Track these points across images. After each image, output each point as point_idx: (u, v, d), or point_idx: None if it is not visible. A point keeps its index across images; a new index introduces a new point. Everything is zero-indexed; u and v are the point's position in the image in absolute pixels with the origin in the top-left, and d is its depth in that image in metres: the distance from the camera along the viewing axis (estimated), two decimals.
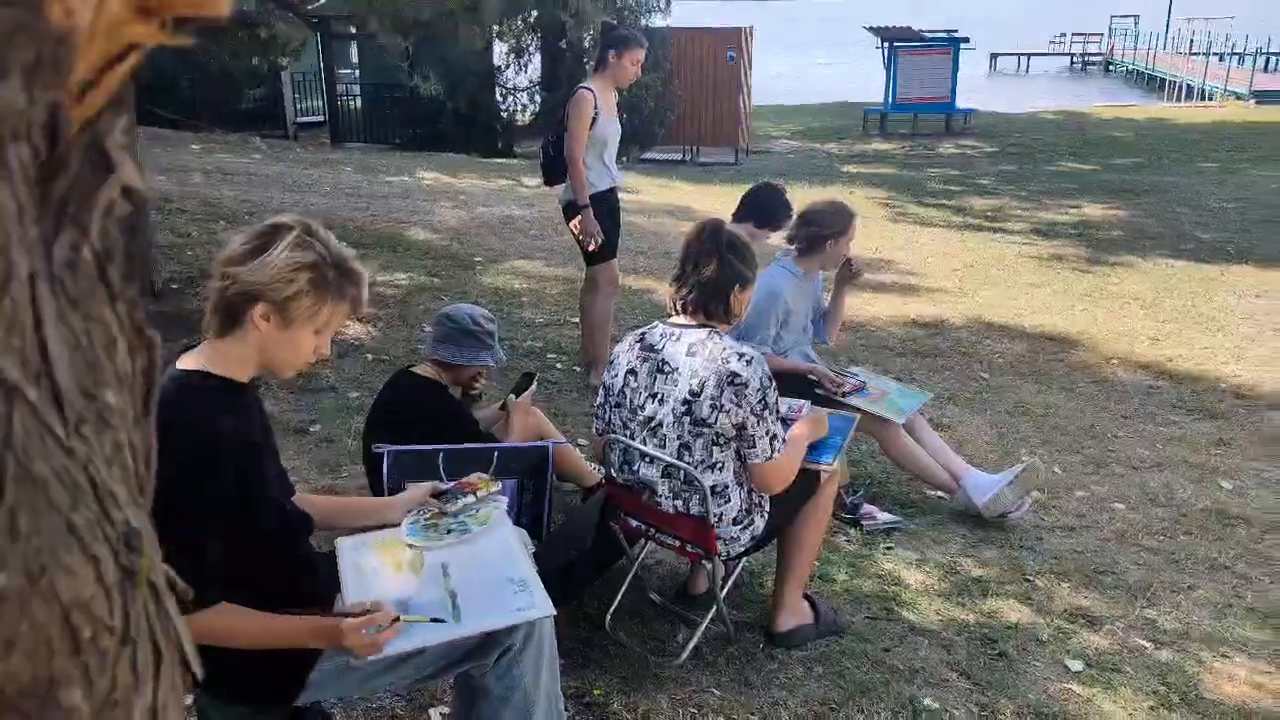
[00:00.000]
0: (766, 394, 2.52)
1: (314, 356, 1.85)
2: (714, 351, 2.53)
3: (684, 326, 2.63)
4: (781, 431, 2.62)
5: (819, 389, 3.66)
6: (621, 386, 2.69)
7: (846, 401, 3.65)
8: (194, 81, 15.23)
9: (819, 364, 3.88)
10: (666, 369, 2.60)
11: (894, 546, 3.55)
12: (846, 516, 3.69)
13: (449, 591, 1.93)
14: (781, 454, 2.60)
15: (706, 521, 2.59)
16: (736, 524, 2.65)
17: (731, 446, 2.58)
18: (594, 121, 4.48)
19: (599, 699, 2.59)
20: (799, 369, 3.73)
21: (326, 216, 7.64)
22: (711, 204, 10.04)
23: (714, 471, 2.58)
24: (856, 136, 19.59)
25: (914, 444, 3.82)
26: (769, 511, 2.73)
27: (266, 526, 1.83)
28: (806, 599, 2.97)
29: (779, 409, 2.62)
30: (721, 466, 2.59)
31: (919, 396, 4.01)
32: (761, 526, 2.72)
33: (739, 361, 2.50)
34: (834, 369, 3.91)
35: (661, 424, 2.60)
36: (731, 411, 2.50)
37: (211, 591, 1.70)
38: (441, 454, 2.75)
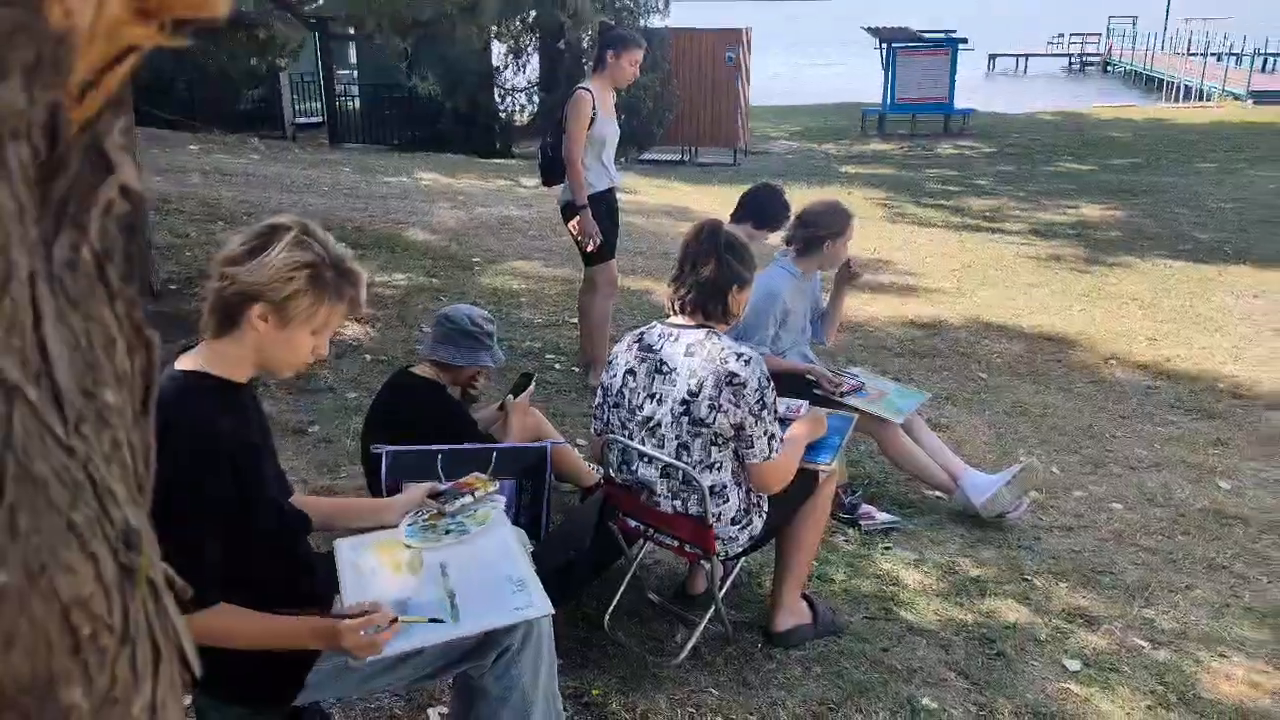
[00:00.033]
0: (765, 394, 2.53)
1: (312, 357, 1.85)
2: (712, 352, 2.54)
3: (682, 327, 2.63)
4: (780, 431, 2.62)
5: (817, 389, 3.66)
6: (620, 387, 2.70)
7: (845, 401, 3.66)
8: (192, 82, 15.23)
9: (817, 364, 3.88)
10: (665, 369, 2.60)
11: (892, 546, 3.55)
12: (845, 516, 3.69)
13: (447, 591, 1.93)
14: (780, 454, 2.60)
15: (705, 521, 2.59)
16: (735, 524, 2.66)
17: (730, 446, 2.58)
18: (592, 122, 4.48)
19: (597, 699, 2.59)
20: (797, 369, 3.73)
21: (325, 217, 7.64)
22: (710, 204, 10.05)
23: (712, 471, 2.59)
24: (855, 137, 19.59)
25: (912, 444, 3.82)
26: (767, 511, 2.73)
27: (264, 527, 1.84)
28: (805, 599, 2.97)
29: (777, 409, 2.63)
30: (720, 466, 2.59)
31: (917, 396, 4.01)
32: (760, 526, 2.72)
33: (737, 362, 2.51)
34: (832, 369, 3.91)
35: (660, 424, 2.60)
36: (730, 411, 2.51)
37: (210, 592, 1.70)
38: (440, 454, 2.75)
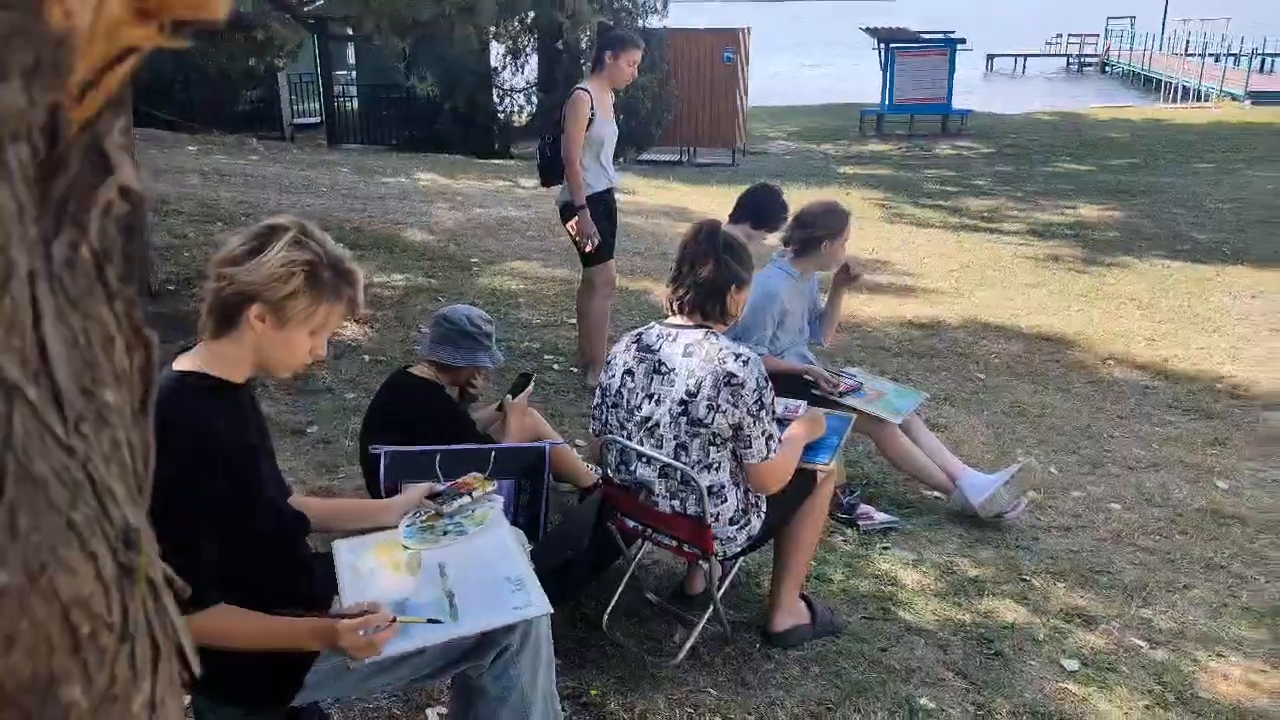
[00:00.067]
0: (763, 394, 2.53)
1: (310, 357, 1.85)
2: (710, 352, 2.54)
3: (681, 327, 2.63)
4: (778, 432, 2.62)
5: (815, 389, 3.66)
6: (618, 387, 2.70)
7: (843, 402, 3.66)
8: (191, 83, 15.24)
9: (815, 364, 3.89)
10: (663, 369, 2.60)
11: (890, 546, 3.56)
12: (843, 516, 3.69)
13: (446, 591, 1.93)
14: (778, 454, 2.60)
15: (703, 521, 2.59)
16: (733, 524, 2.66)
17: (728, 447, 2.58)
18: (590, 122, 4.48)
19: (596, 699, 2.59)
20: (795, 369, 3.74)
21: (323, 217, 7.64)
22: (708, 205, 10.05)
23: (710, 471, 2.59)
24: (853, 137, 19.62)
25: (910, 444, 3.83)
26: (765, 512, 2.74)
27: (263, 527, 1.84)
28: (803, 599, 2.97)
29: (776, 409, 2.63)
30: (718, 466, 2.59)
31: (915, 397, 4.02)
32: (758, 526, 2.72)
33: (735, 362, 2.51)
34: (830, 369, 3.91)
35: (658, 424, 2.60)
36: (728, 412, 2.51)
37: (208, 592, 1.70)
38: (439, 455, 2.75)
